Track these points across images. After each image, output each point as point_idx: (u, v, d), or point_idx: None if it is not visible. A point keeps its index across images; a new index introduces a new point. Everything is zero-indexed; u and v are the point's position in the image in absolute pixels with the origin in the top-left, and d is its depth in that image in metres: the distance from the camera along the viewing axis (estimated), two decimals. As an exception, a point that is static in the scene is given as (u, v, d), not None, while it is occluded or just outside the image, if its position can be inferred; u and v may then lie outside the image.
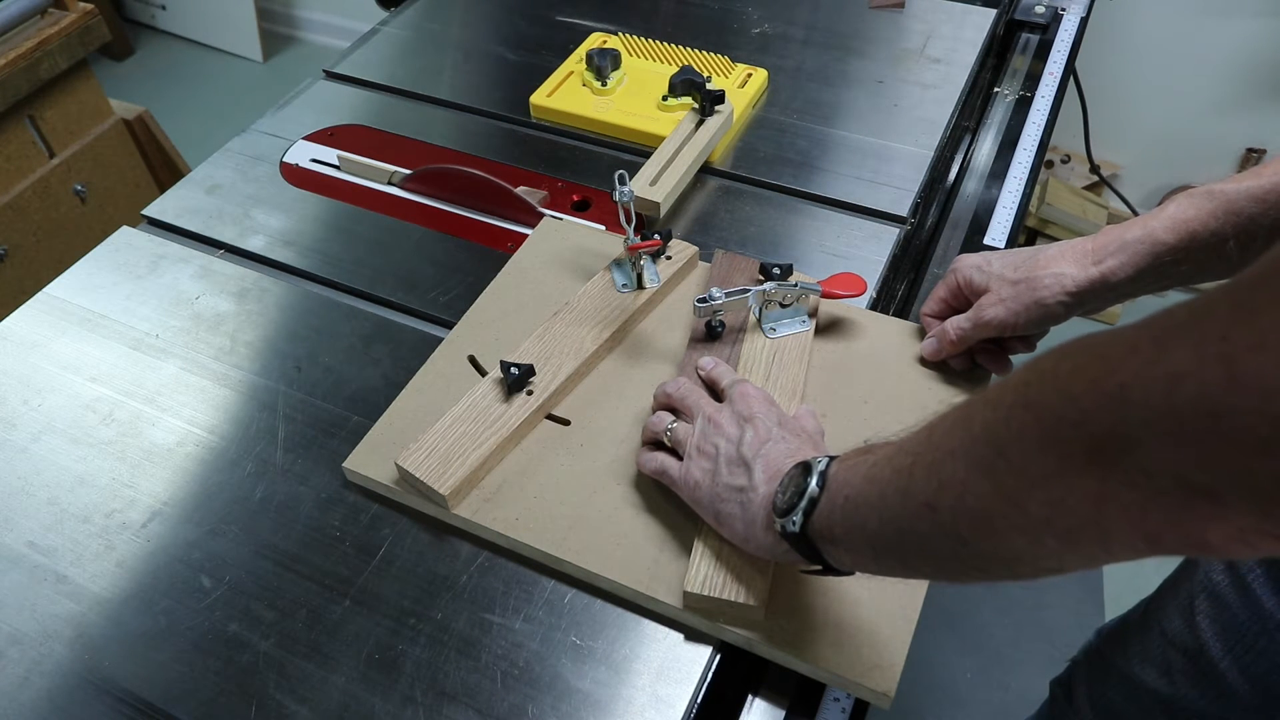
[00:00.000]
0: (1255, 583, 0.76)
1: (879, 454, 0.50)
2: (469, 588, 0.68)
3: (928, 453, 0.45)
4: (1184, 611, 0.85)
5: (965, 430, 0.42)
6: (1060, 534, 0.38)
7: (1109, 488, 0.35)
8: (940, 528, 0.43)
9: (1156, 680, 0.89)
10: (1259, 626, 0.76)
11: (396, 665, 0.64)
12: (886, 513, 0.47)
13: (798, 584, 0.65)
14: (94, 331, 0.87)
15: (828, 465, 0.53)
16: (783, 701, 0.65)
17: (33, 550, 0.72)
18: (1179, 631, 0.86)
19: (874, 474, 0.49)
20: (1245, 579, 0.77)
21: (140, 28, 3.04)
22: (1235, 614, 0.79)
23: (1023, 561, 0.41)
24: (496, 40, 1.24)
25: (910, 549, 0.47)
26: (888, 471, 0.48)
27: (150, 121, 1.77)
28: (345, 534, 0.71)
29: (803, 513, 0.53)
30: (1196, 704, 0.86)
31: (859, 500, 0.50)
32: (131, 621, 0.67)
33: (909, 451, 0.47)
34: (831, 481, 0.52)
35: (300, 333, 0.87)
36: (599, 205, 0.99)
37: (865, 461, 0.50)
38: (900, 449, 0.48)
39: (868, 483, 0.49)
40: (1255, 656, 0.78)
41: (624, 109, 1.07)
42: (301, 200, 1.01)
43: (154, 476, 0.76)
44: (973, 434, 0.41)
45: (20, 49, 1.49)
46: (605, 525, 0.69)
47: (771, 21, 1.23)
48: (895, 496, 0.46)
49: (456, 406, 0.74)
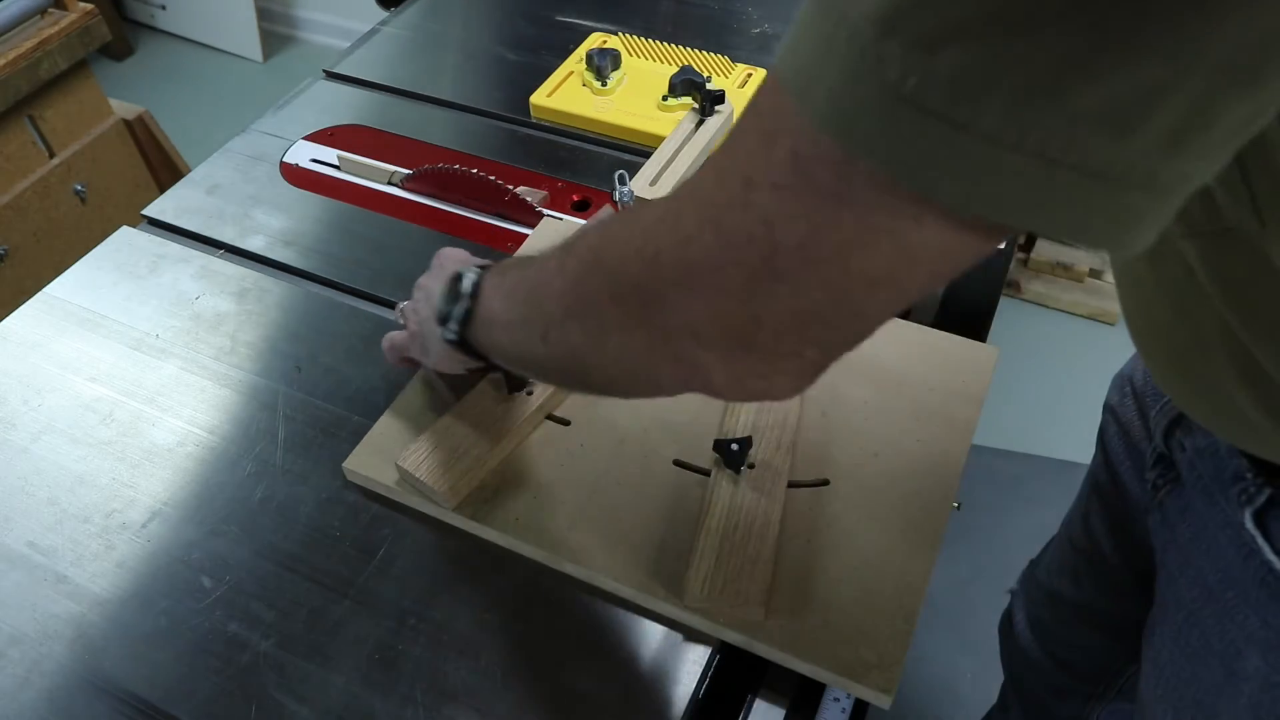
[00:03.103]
0: (1126, 474, 0.80)
1: (513, 275, 0.55)
2: (469, 588, 0.68)
3: (538, 287, 0.51)
4: (1083, 517, 0.90)
5: (561, 277, 0.48)
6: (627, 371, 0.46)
7: (652, 339, 0.42)
8: (551, 358, 0.51)
9: (1069, 589, 0.94)
10: (1132, 515, 0.80)
11: (396, 665, 0.64)
12: (514, 335, 0.54)
13: (798, 584, 0.65)
14: (94, 331, 0.87)
15: (479, 278, 0.58)
16: (783, 701, 0.65)
17: (33, 550, 0.72)
18: (1080, 537, 0.91)
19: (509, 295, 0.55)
20: (1118, 471, 0.81)
21: (140, 28, 3.04)
22: (1113, 505, 0.84)
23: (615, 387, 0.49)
24: (496, 40, 1.24)
25: (538, 368, 0.55)
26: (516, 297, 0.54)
27: (150, 121, 1.77)
28: (345, 534, 0.71)
29: (458, 322, 0.58)
30: (1100, 605, 0.91)
31: (496, 321, 0.56)
32: (131, 621, 0.67)
33: (527, 283, 0.52)
34: (483, 294, 0.57)
35: (300, 333, 0.87)
36: (599, 205, 0.99)
37: (503, 284, 0.56)
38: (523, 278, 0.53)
39: (503, 304, 0.55)
40: (1132, 546, 0.82)
41: (624, 109, 1.07)
42: (301, 200, 1.01)
43: (154, 476, 0.76)
44: (566, 282, 0.47)
45: (20, 49, 1.49)
46: (605, 525, 0.69)
47: (771, 21, 1.23)
48: (519, 325, 0.53)
49: (456, 406, 0.74)
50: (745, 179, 0.36)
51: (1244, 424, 0.53)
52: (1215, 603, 0.60)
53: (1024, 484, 1.74)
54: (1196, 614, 0.63)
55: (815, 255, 0.35)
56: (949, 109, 0.29)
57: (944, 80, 0.29)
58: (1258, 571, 0.56)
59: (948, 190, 0.31)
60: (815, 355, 0.40)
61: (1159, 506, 0.68)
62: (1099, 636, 0.93)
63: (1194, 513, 0.62)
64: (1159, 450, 0.68)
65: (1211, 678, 0.62)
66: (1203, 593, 0.62)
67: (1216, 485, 0.59)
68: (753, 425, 0.73)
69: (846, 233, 0.34)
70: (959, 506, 0.70)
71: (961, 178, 0.30)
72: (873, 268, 0.35)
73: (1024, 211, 0.31)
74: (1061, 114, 0.28)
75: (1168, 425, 0.66)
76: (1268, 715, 0.58)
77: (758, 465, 0.70)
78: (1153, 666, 0.71)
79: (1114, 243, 0.32)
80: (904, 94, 0.30)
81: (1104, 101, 0.28)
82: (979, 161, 0.30)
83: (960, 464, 0.72)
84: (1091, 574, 0.91)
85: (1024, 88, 0.28)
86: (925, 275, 0.35)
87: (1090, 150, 0.29)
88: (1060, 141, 0.29)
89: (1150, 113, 0.28)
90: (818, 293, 0.36)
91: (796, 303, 0.36)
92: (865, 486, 0.70)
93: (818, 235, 0.34)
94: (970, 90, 0.29)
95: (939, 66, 0.29)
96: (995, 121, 0.29)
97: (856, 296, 0.36)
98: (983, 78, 0.28)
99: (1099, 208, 0.30)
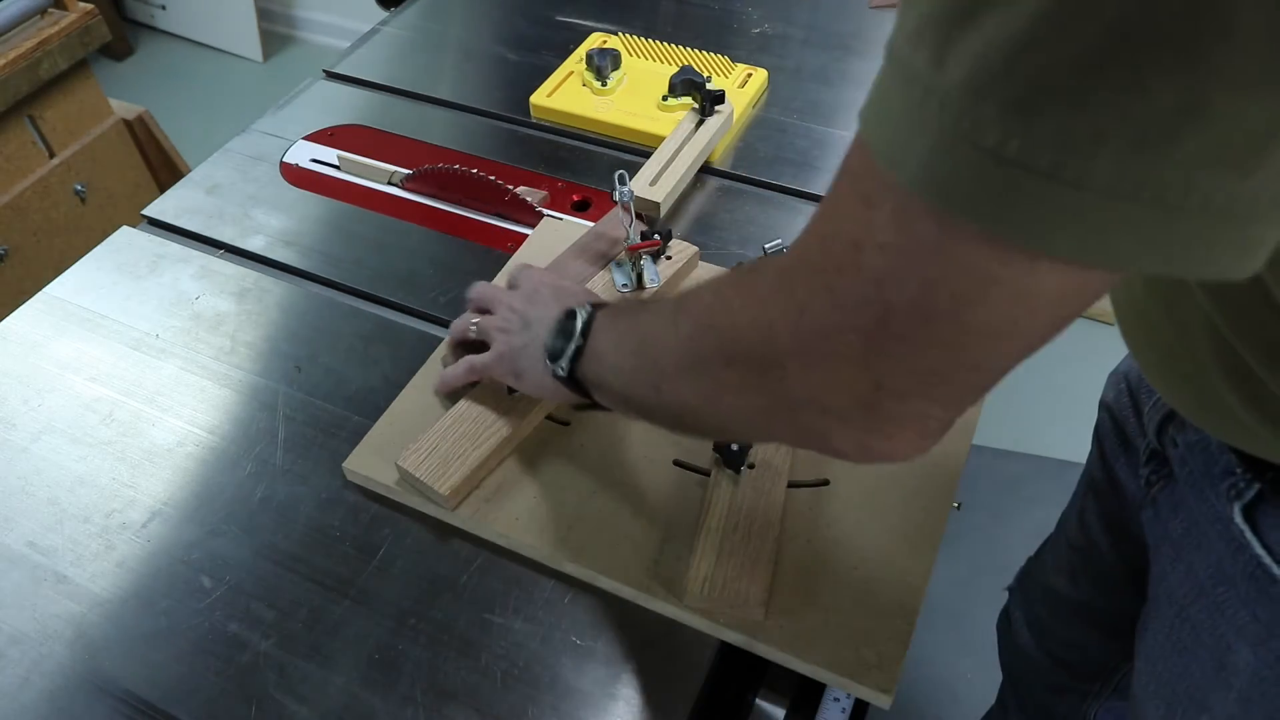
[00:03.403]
0: (1121, 470, 0.80)
1: (624, 321, 0.57)
2: (469, 588, 0.68)
3: (651, 338, 0.53)
4: (1078, 514, 0.90)
5: (675, 334, 0.49)
6: (740, 426, 0.49)
7: (771, 403, 0.43)
8: (662, 407, 0.52)
9: (1066, 587, 0.95)
10: (1127, 512, 0.80)
11: (396, 665, 0.64)
12: (625, 378, 0.55)
13: (798, 584, 0.65)
14: (94, 331, 0.87)
15: (590, 315, 0.59)
16: (783, 701, 0.65)
17: (33, 550, 0.72)
18: (1076, 535, 0.91)
19: (620, 342, 0.56)
20: (1113, 467, 0.81)
21: (140, 28, 3.04)
22: (1108, 502, 0.84)
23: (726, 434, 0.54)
24: (496, 40, 1.24)
25: (647, 414, 0.55)
26: (627, 345, 0.56)
27: (150, 121, 1.77)
28: (345, 534, 0.71)
29: (569, 359, 0.59)
30: (1097, 603, 0.91)
31: (607, 361, 0.57)
32: (131, 621, 0.67)
33: (639, 332, 0.54)
34: (594, 334, 0.59)
35: (300, 333, 0.87)
36: (599, 205, 0.99)
37: (614, 326, 0.58)
38: (634, 325, 0.55)
39: (614, 349, 0.57)
40: (1128, 542, 0.82)
41: (624, 109, 1.07)
42: (301, 200, 1.01)
43: (154, 476, 0.76)
44: (680, 340, 0.49)
45: (20, 49, 1.49)
46: (605, 525, 0.69)
47: (771, 21, 1.23)
48: (630, 373, 0.55)
49: (456, 406, 0.74)
50: (852, 242, 0.35)
51: (1232, 421, 0.53)
52: (1206, 597, 0.61)
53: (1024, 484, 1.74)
54: (1188, 609, 0.63)
55: (929, 312, 0.34)
56: (1057, 169, 0.29)
57: (1049, 140, 0.28)
58: (1247, 566, 0.56)
59: (1064, 244, 0.30)
60: (939, 413, 0.39)
61: (1152, 502, 0.68)
62: (1096, 634, 0.93)
63: (1186, 508, 0.63)
64: (1152, 446, 0.68)
65: (1202, 671, 0.62)
66: (1194, 587, 0.62)
67: (1207, 480, 0.59)
68: None
69: (957, 286, 0.33)
70: (959, 506, 0.70)
71: (1077, 232, 0.30)
72: (989, 320, 0.34)
73: (1147, 257, 0.30)
74: (1177, 162, 0.28)
75: (1160, 421, 0.66)
76: (1258, 708, 0.58)
77: (758, 465, 0.70)
78: (1145, 662, 0.71)
79: (1238, 272, 0.31)
80: (1006, 157, 0.29)
81: (1220, 145, 0.27)
82: (1095, 215, 0.29)
83: (960, 464, 0.72)
84: (1088, 572, 0.91)
85: (1134, 139, 0.28)
86: (1045, 321, 0.35)
87: (1212, 192, 0.28)
88: (1179, 188, 0.28)
89: (1267, 149, 0.28)
90: (935, 350, 0.36)
91: (916, 363, 0.36)
92: (865, 486, 0.70)
93: (929, 292, 0.34)
94: (1078, 148, 0.28)
95: (1042, 127, 0.28)
96: (1108, 175, 0.28)
97: (975, 350, 0.36)
98: (1090, 135, 0.28)
99: (1225, 243, 0.30)
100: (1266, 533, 0.55)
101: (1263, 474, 0.55)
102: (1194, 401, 0.57)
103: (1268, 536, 0.55)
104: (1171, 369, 0.58)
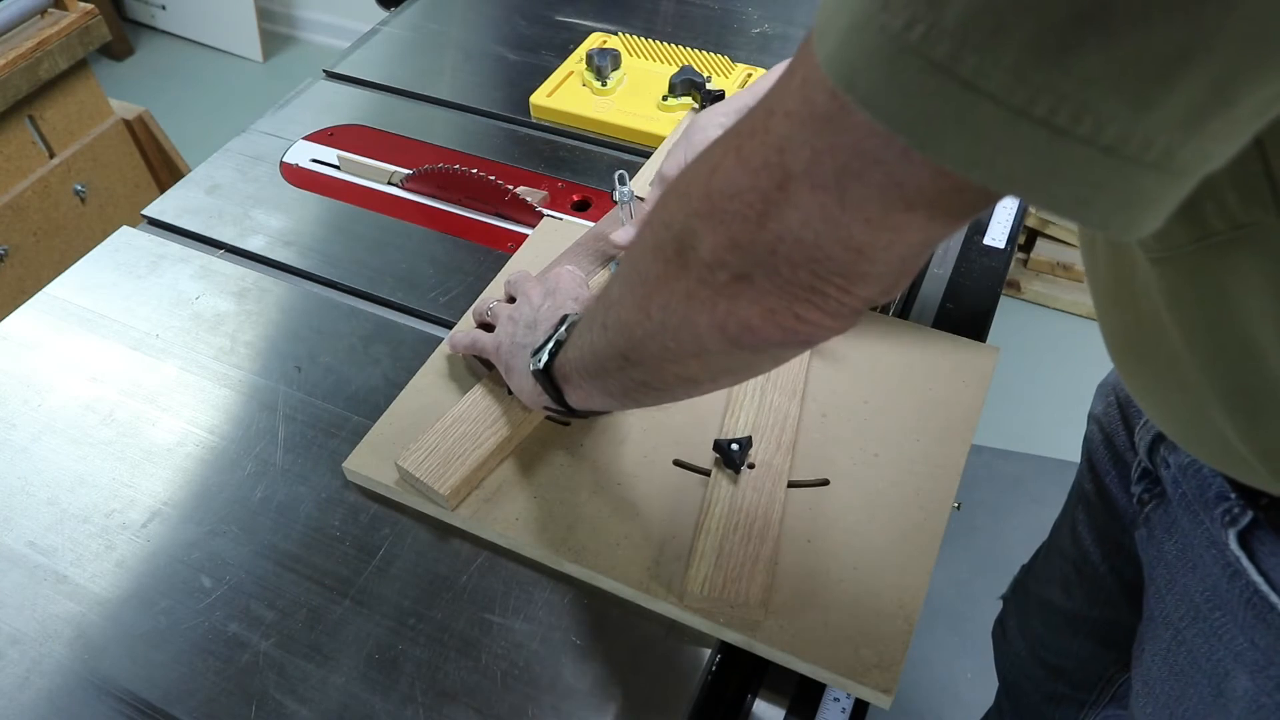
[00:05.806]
0: (1112, 485, 0.80)
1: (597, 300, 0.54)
2: (469, 588, 0.68)
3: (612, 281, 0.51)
4: (1070, 526, 0.90)
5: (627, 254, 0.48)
6: (672, 334, 0.44)
7: (690, 284, 0.41)
8: (610, 346, 0.50)
9: (1059, 598, 0.94)
10: (1119, 526, 0.80)
11: (396, 665, 0.64)
12: (589, 337, 0.53)
13: (798, 584, 0.65)
14: (94, 331, 0.87)
15: (579, 317, 0.59)
16: (783, 701, 0.65)
17: (33, 550, 0.72)
18: (1068, 546, 0.91)
19: (591, 317, 0.54)
20: (1104, 481, 0.81)
21: (140, 28, 3.04)
22: (1099, 516, 0.83)
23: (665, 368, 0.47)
24: (496, 40, 1.24)
25: (601, 371, 0.53)
26: (598, 318, 0.53)
27: (150, 121, 1.77)
28: (345, 534, 0.71)
29: (548, 353, 0.59)
30: (1090, 614, 0.91)
31: (580, 341, 0.55)
32: (131, 621, 0.67)
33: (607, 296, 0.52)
34: (574, 329, 0.58)
35: (300, 333, 0.87)
36: (599, 205, 0.99)
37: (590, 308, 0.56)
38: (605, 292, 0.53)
39: (585, 327, 0.55)
40: (1121, 555, 0.82)
41: (624, 109, 1.07)
42: (301, 200, 1.01)
43: (154, 476, 0.76)
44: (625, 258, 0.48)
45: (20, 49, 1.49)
46: (605, 525, 0.69)
47: (771, 21, 1.23)
48: (584, 325, 0.54)
49: (456, 406, 0.74)
50: (767, 109, 0.36)
51: (1226, 452, 0.51)
52: (1203, 621, 0.60)
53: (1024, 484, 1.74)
54: (1184, 632, 0.62)
55: (816, 181, 0.35)
56: (955, 62, 0.28)
57: (951, 30, 0.28)
58: (1243, 592, 0.55)
59: (950, 151, 0.30)
60: (835, 293, 0.39)
61: (1145, 521, 0.67)
62: (1091, 645, 0.93)
63: (1180, 530, 0.62)
64: (1144, 465, 0.67)
65: (1200, 697, 0.62)
66: (1190, 611, 0.61)
67: (1200, 504, 0.58)
68: (753, 425, 0.73)
69: (841, 158, 0.34)
70: (959, 506, 0.70)
71: (964, 139, 0.29)
72: (869, 201, 0.34)
73: (1026, 182, 0.30)
74: (1074, 75, 0.27)
75: (1151, 441, 0.65)
76: None
77: (758, 465, 0.70)
78: (1142, 684, 0.70)
79: (1118, 225, 0.30)
80: (909, 44, 0.28)
81: (1120, 65, 0.26)
82: (983, 125, 0.29)
83: (960, 464, 0.72)
84: (1081, 583, 0.90)
85: (1034, 42, 0.27)
86: (923, 218, 0.35)
87: (1104, 121, 0.27)
88: (1072, 108, 0.27)
89: (1171, 83, 0.26)
90: (819, 224, 0.36)
91: (804, 232, 0.36)
92: (865, 487, 0.70)
93: (817, 160, 0.34)
94: (978, 41, 0.27)
95: (947, 15, 0.27)
96: (1003, 80, 0.27)
97: (856, 232, 0.36)
98: (992, 28, 0.27)
99: (1108, 186, 0.29)
100: (1263, 559, 0.54)
101: (1256, 501, 0.54)
102: (1187, 431, 0.56)
103: (1264, 564, 0.54)
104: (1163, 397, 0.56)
